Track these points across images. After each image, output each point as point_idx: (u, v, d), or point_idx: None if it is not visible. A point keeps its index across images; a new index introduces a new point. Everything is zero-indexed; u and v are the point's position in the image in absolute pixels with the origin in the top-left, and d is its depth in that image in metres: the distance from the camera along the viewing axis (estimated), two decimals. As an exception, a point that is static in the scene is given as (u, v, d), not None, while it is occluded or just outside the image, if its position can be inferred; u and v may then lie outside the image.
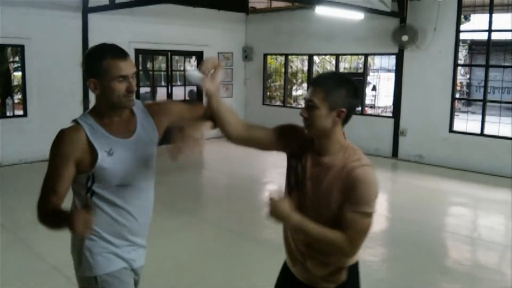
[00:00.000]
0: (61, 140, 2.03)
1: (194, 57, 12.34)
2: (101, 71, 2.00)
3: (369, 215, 1.97)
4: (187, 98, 11.97)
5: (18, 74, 12.01)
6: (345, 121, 2.05)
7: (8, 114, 10.09)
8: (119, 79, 2.01)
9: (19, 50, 9.29)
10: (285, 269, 2.31)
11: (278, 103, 13.24)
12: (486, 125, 8.97)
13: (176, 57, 12.00)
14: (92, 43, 9.44)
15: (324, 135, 2.04)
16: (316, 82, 2.05)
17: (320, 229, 1.97)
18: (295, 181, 2.16)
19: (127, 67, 2.04)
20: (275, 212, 1.97)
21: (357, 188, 1.95)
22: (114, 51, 2.05)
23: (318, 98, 1.98)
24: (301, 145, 2.14)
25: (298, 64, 15.11)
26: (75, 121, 2.08)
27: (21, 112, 9.37)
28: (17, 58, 11.96)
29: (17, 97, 11.76)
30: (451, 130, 9.32)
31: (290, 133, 2.20)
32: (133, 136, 2.16)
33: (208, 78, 2.06)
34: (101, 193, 2.11)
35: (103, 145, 2.05)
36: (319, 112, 1.98)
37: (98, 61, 2.01)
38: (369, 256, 5.10)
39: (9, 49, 11.56)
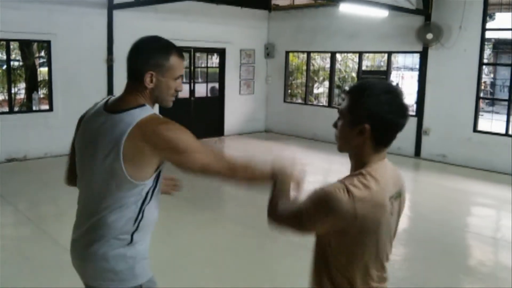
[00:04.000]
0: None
1: (216, 54, 12.39)
2: (166, 67, 1.97)
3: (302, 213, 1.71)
4: (208, 94, 12.03)
5: (43, 69, 12.23)
6: (377, 140, 1.68)
7: (34, 108, 10.27)
8: (177, 78, 2.02)
9: (45, 45, 9.47)
10: None
11: (299, 100, 13.20)
12: (511, 125, 8.83)
13: (198, 54, 12.05)
14: (116, 40, 9.57)
15: (351, 153, 1.76)
16: (347, 90, 1.76)
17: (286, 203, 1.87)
18: None
19: (183, 68, 2.07)
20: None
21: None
22: (179, 50, 2.03)
23: (344, 108, 1.71)
24: None
25: (320, 61, 15.04)
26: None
27: (46, 107, 9.55)
28: (43, 54, 12.17)
29: (43, 91, 11.96)
30: (475, 129, 9.19)
31: None
32: None
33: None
34: (159, 188, 2.02)
35: None
36: (343, 127, 1.72)
37: (165, 55, 1.97)
38: (391, 255, 5.07)
39: (35, 45, 11.75)
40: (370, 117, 1.63)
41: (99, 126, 1.96)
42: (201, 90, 11.90)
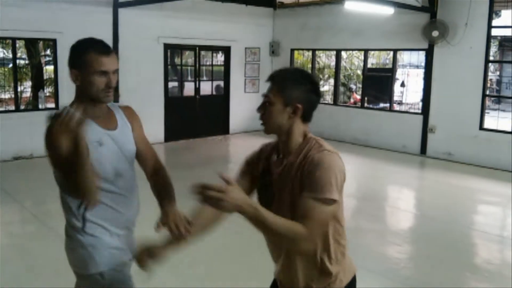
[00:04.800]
0: (51, 131, 2.09)
1: (221, 52, 12.39)
2: (83, 64, 2.07)
3: (327, 201, 1.75)
4: (213, 92, 12.04)
5: (49, 67, 12.26)
6: (305, 117, 1.93)
7: (40, 107, 10.30)
8: (99, 74, 2.06)
9: (51, 44, 9.49)
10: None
11: (305, 98, 13.15)
12: (518, 122, 8.80)
13: (203, 52, 12.06)
14: (122, 37, 9.60)
15: (281, 132, 1.94)
16: (272, 77, 1.95)
17: (277, 218, 1.72)
18: (265, 196, 2.01)
19: (109, 63, 2.08)
20: (226, 200, 1.62)
21: (314, 173, 1.77)
22: (98, 46, 2.10)
23: (272, 93, 1.91)
24: (265, 161, 2.05)
25: (325, 59, 15.02)
26: None
27: (52, 105, 9.58)
28: (48, 52, 12.20)
29: (49, 90, 12.00)
30: (481, 127, 9.15)
31: (252, 165, 2.10)
32: (117, 129, 2.23)
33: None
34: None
35: (94, 136, 2.10)
36: (274, 108, 1.90)
37: (81, 53, 2.08)
38: (396, 253, 5.07)
39: (40, 43, 11.79)
40: (302, 98, 1.89)
41: None
42: (206, 88, 11.90)
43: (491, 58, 10.51)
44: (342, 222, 1.97)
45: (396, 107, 12.66)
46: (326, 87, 15.01)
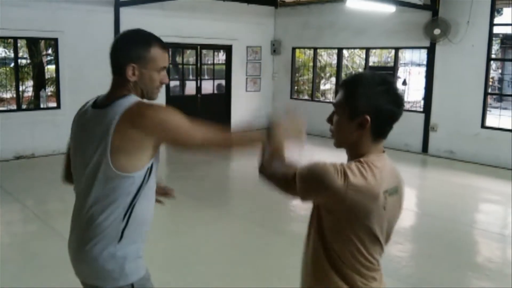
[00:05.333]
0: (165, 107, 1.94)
1: (222, 51, 12.39)
2: (148, 59, 1.94)
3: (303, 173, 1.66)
4: (215, 91, 12.04)
5: (51, 67, 12.26)
6: (376, 132, 1.67)
7: (41, 106, 10.31)
8: (160, 69, 1.98)
9: (53, 43, 9.51)
10: None
11: (306, 97, 13.17)
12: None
13: (204, 51, 12.05)
14: (123, 36, 9.57)
15: (348, 148, 1.74)
16: (342, 83, 1.76)
17: (287, 167, 1.76)
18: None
19: (167, 60, 2.03)
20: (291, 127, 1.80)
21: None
22: (161, 41, 2.01)
23: (339, 103, 1.72)
24: None
25: (327, 58, 15.00)
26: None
27: (54, 104, 9.58)
28: (50, 51, 12.21)
29: (50, 89, 12.00)
30: (483, 125, 9.13)
31: None
32: None
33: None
34: (150, 184, 1.95)
35: None
36: (340, 120, 1.71)
37: (148, 47, 1.94)
38: (398, 251, 5.06)
39: (42, 42, 11.80)
40: (369, 108, 1.63)
41: (87, 123, 1.96)
42: (208, 87, 11.90)
43: (493, 56, 10.48)
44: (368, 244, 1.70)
45: (398, 105, 12.61)
46: (328, 85, 15.00)
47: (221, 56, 12.71)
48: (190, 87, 11.53)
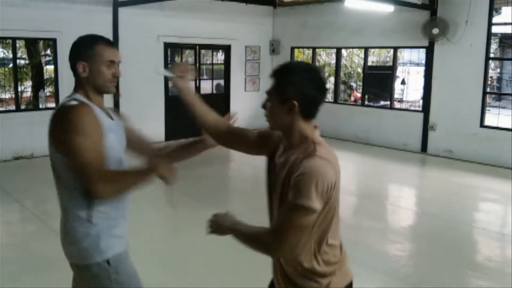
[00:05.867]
0: (82, 113, 2.06)
1: (221, 51, 12.39)
2: (93, 55, 2.14)
3: (302, 208, 1.70)
4: (214, 91, 12.04)
5: (50, 67, 12.26)
6: (305, 114, 1.84)
7: (40, 106, 10.30)
8: (108, 64, 2.15)
9: (51, 43, 9.49)
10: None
11: (305, 97, 13.15)
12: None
13: (203, 51, 12.05)
14: (122, 36, 9.60)
15: (283, 130, 1.91)
16: (272, 73, 1.90)
17: (250, 226, 1.90)
18: (269, 181, 2.03)
19: (116, 54, 2.21)
20: (215, 226, 2.03)
21: (296, 176, 1.73)
22: (105, 38, 2.23)
23: (271, 91, 1.89)
24: (273, 146, 2.05)
25: (326, 57, 15.01)
26: (76, 100, 2.15)
27: (53, 105, 9.59)
28: (48, 52, 12.20)
29: (49, 89, 12.00)
30: (482, 125, 9.14)
31: (273, 136, 2.09)
32: (114, 119, 2.28)
33: (177, 76, 2.23)
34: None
35: (106, 123, 2.16)
36: (273, 106, 1.87)
37: (91, 45, 2.17)
38: (397, 251, 5.06)
39: (40, 43, 11.79)
40: (297, 94, 1.81)
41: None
42: (207, 87, 11.90)
43: (491, 55, 10.49)
44: (330, 232, 1.89)
45: (397, 105, 12.63)
46: (327, 85, 14.99)
47: (220, 56, 12.71)
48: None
